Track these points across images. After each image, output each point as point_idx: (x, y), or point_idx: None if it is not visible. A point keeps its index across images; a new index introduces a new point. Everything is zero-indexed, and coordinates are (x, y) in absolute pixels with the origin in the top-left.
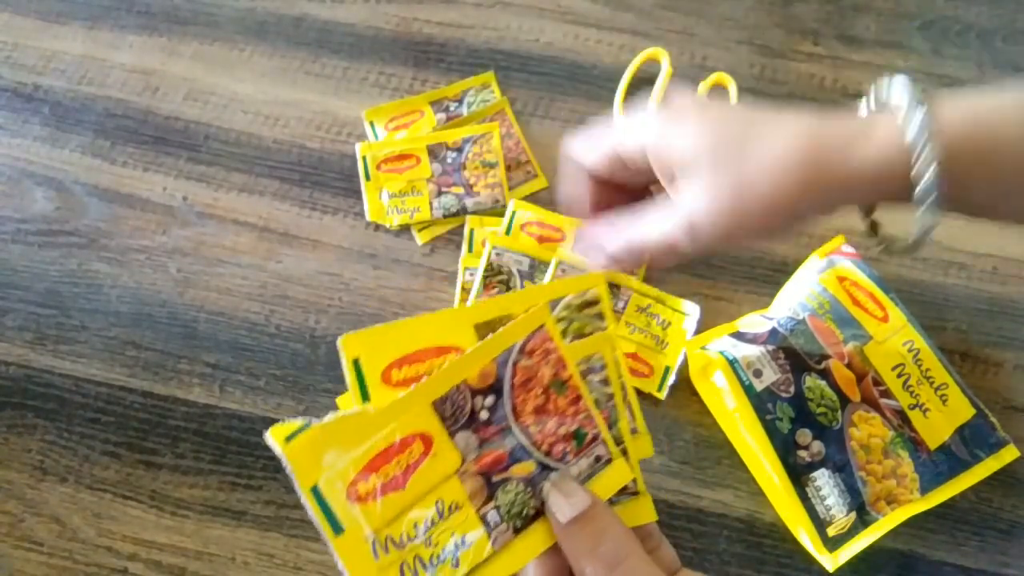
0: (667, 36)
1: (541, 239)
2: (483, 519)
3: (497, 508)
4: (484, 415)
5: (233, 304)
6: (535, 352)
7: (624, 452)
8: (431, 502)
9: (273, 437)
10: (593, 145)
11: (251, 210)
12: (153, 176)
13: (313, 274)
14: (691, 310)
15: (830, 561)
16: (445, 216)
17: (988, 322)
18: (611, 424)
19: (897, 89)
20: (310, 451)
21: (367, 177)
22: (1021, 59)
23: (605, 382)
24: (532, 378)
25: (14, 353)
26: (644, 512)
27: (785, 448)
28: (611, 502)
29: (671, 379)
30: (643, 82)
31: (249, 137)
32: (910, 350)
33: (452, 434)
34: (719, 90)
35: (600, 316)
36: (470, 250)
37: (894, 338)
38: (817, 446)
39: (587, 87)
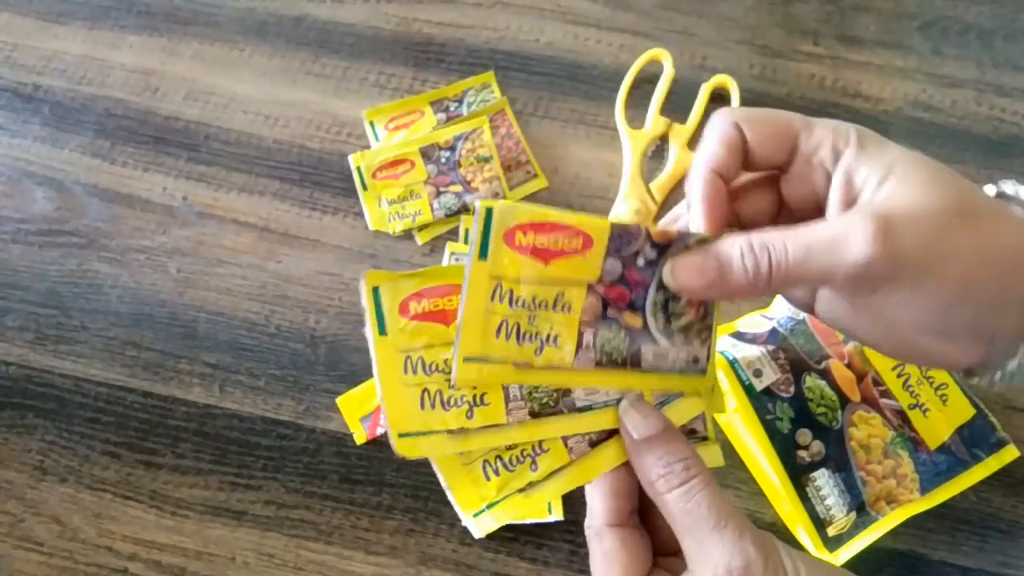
0: (667, 36)
1: (545, 254)
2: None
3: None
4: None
5: (233, 304)
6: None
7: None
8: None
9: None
10: (767, 118)
11: (251, 210)
12: (153, 176)
13: (313, 274)
14: None
15: (830, 561)
16: (448, 215)
17: None
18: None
19: None
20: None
21: (364, 187)
22: (1021, 59)
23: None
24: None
25: (14, 353)
26: (712, 457)
27: (785, 448)
28: None
29: None
30: (644, 82)
31: (249, 137)
32: None
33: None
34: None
35: None
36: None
37: None
38: (817, 446)
39: (587, 87)
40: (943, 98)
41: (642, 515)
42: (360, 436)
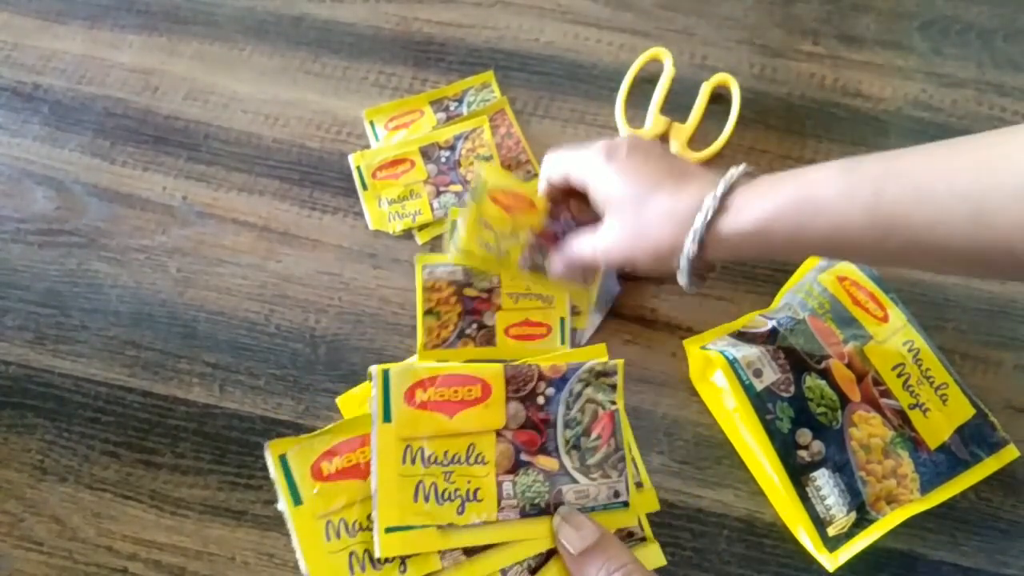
0: (667, 36)
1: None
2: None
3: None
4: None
5: (233, 304)
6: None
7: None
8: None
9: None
10: (556, 167)
11: (251, 210)
12: (153, 176)
13: (313, 274)
14: None
15: (830, 561)
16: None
17: (988, 322)
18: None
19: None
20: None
21: (364, 186)
22: (1021, 58)
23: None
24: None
25: (14, 353)
26: (652, 558)
27: (785, 448)
28: None
29: (570, 327)
30: (643, 82)
31: (249, 137)
32: (910, 350)
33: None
34: (722, 91)
35: (612, 388)
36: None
37: (894, 338)
38: (817, 446)
39: (587, 87)
40: (943, 98)
41: None
42: None
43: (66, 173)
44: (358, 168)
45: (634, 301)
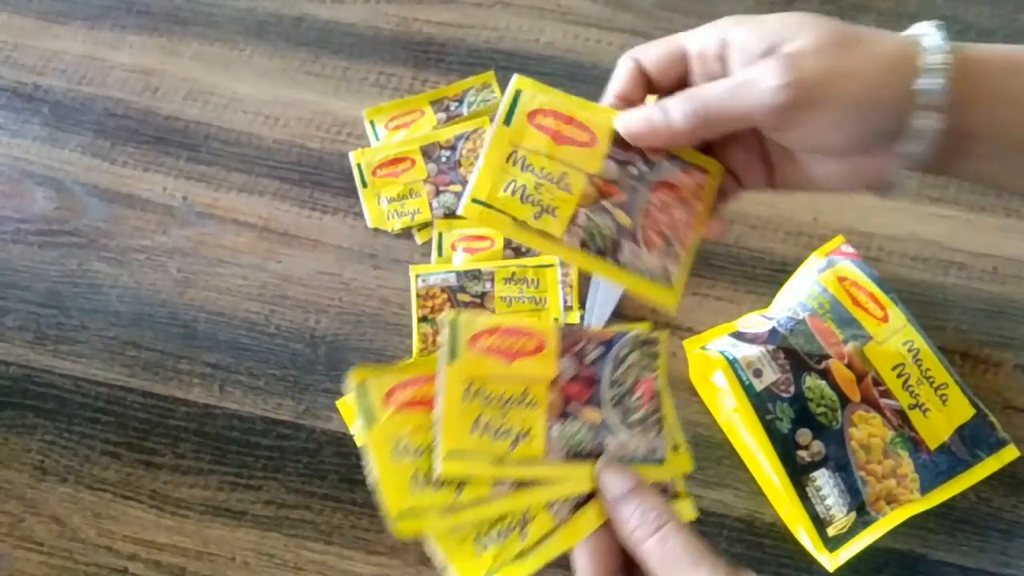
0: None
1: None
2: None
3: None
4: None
5: (233, 304)
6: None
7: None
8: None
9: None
10: (657, 45)
11: (251, 210)
12: (153, 176)
13: (313, 274)
14: (552, 258)
15: (830, 561)
16: (447, 215)
17: (988, 322)
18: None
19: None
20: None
21: (363, 184)
22: None
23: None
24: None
25: (14, 353)
26: (684, 512)
27: (785, 448)
28: None
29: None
30: None
31: (249, 137)
32: (910, 350)
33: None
34: None
35: (655, 356)
36: (440, 254)
37: (894, 338)
38: (817, 446)
39: (587, 87)
40: None
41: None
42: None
43: (66, 173)
44: (358, 165)
45: (634, 302)
